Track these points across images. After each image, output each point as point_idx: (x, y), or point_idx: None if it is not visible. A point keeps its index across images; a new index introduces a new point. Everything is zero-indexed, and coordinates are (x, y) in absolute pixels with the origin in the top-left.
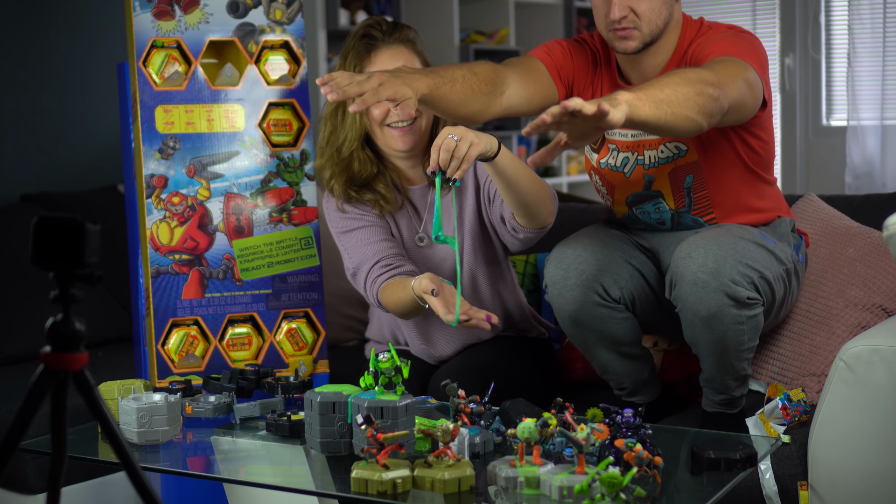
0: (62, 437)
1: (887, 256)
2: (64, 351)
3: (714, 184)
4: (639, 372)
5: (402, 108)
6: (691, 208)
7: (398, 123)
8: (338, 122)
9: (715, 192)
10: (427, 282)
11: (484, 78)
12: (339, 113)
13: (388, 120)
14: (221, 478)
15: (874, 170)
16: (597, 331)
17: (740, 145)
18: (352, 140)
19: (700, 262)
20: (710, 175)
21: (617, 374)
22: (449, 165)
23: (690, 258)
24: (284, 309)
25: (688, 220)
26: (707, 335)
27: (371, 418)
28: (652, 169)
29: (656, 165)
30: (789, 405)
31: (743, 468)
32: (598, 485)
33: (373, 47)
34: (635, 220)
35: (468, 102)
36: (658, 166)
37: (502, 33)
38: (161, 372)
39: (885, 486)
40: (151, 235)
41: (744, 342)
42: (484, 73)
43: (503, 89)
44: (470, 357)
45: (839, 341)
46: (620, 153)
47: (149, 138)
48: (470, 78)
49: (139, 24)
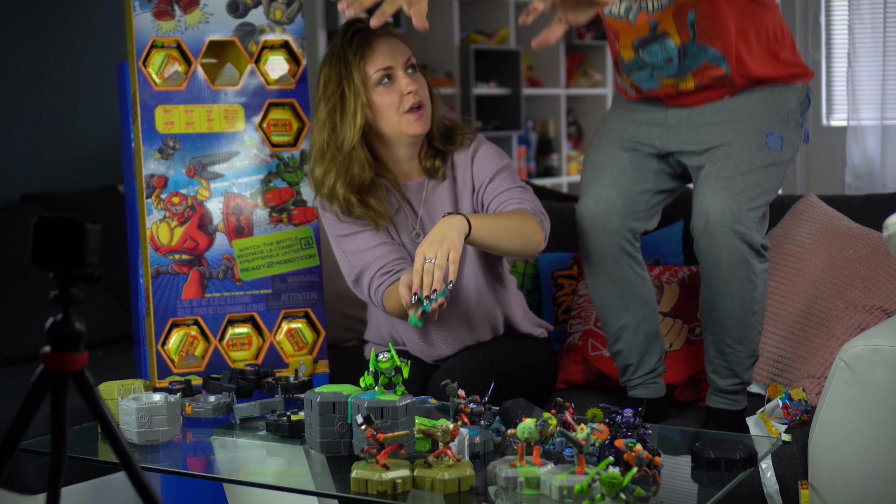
0: (62, 437)
1: (887, 257)
2: (64, 351)
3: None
4: (648, 351)
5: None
6: (696, 38)
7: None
8: (337, 122)
9: (717, 19)
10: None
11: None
12: (338, 111)
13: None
14: (221, 478)
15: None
16: (618, 283)
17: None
18: (352, 136)
19: (717, 216)
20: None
21: (627, 345)
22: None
23: (709, 213)
24: (284, 309)
25: (694, 50)
26: (724, 287)
27: (371, 418)
28: (656, 14)
29: (659, 10)
30: (790, 404)
31: (743, 468)
32: (598, 485)
33: (371, 38)
34: (641, 64)
35: None
36: (661, 11)
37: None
38: (161, 372)
39: (886, 486)
40: (151, 235)
41: (756, 300)
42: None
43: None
44: (470, 357)
45: (839, 343)
46: (623, 2)
47: (149, 138)
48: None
49: (139, 24)
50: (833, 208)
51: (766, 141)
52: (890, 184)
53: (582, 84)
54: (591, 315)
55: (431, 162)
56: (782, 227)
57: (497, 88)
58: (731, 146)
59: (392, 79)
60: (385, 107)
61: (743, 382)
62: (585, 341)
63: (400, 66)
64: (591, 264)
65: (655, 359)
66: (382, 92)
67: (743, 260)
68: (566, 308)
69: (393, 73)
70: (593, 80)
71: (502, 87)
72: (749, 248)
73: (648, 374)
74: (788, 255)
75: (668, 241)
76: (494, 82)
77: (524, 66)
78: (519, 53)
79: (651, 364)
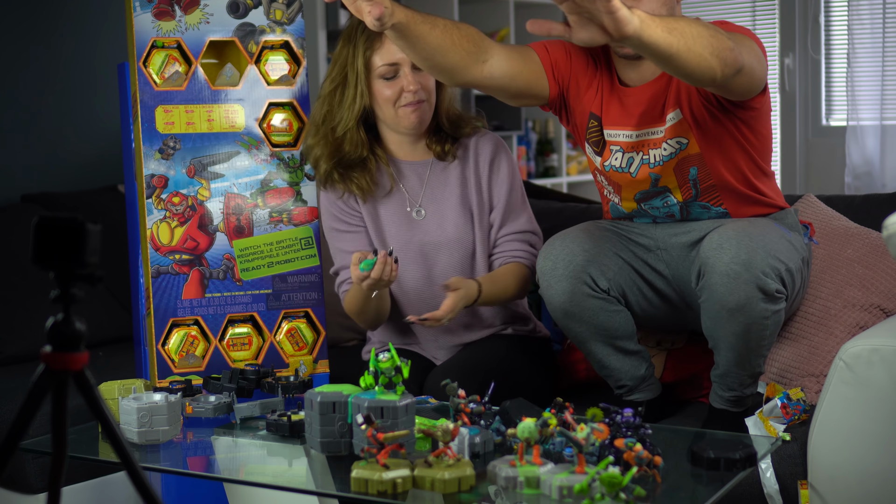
0: (62, 436)
1: (886, 257)
2: (64, 351)
3: (718, 173)
4: (636, 368)
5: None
6: (698, 196)
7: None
8: (335, 103)
9: (720, 180)
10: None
11: (467, 35)
12: (338, 93)
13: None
14: (221, 478)
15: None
16: (589, 323)
17: (740, 136)
18: (348, 120)
19: (732, 253)
20: (714, 165)
21: (614, 371)
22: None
23: (722, 249)
24: (284, 309)
25: (696, 209)
26: (731, 327)
27: (371, 418)
28: (657, 167)
29: (661, 163)
30: (789, 404)
31: (743, 468)
32: (598, 485)
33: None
34: (644, 213)
35: (447, 52)
36: (663, 164)
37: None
38: (161, 372)
39: (886, 486)
40: (152, 235)
41: (765, 337)
42: (468, 32)
43: (486, 57)
44: (469, 356)
45: (838, 342)
46: (625, 154)
47: (149, 138)
48: (452, 29)
49: (139, 24)
50: (832, 208)
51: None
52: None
53: None
54: None
55: (441, 146)
56: None
57: None
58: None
59: (396, 75)
60: (383, 99)
61: (744, 396)
62: None
63: (407, 63)
64: (555, 310)
65: (643, 368)
66: (384, 84)
67: (754, 306)
68: None
69: (399, 70)
70: None
71: None
72: (763, 294)
73: (641, 384)
74: None
75: None
76: None
77: None
78: None
79: (640, 376)
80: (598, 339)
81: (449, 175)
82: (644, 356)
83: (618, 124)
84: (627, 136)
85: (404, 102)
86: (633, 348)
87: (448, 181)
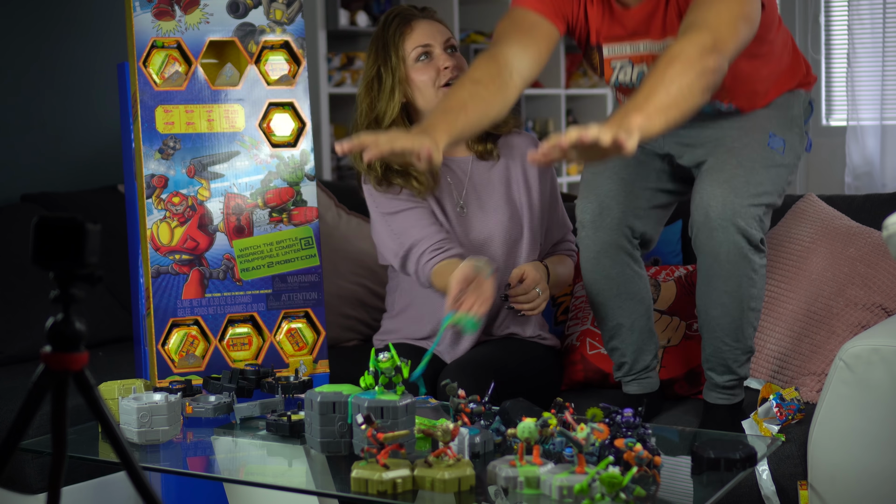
0: (62, 437)
1: (887, 256)
2: (64, 351)
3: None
4: (642, 349)
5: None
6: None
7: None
8: (375, 95)
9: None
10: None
11: (489, 79)
12: (375, 86)
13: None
14: (221, 478)
15: (874, 170)
16: (615, 280)
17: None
18: (392, 111)
19: (718, 209)
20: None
21: (622, 343)
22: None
23: (710, 207)
24: (284, 309)
25: (707, 109)
26: (722, 284)
27: (371, 418)
28: None
29: None
30: (783, 404)
31: (743, 468)
32: (598, 485)
33: (412, 18)
34: None
35: (487, 113)
36: None
37: None
38: (161, 372)
39: (886, 486)
40: (151, 235)
41: (753, 296)
42: (487, 75)
43: (510, 72)
44: (469, 356)
45: (839, 340)
46: (635, 67)
47: (149, 138)
48: (476, 91)
49: (139, 24)
50: (833, 208)
51: (769, 142)
52: (889, 184)
53: (582, 84)
54: (588, 315)
55: (483, 146)
56: (783, 227)
57: None
58: (735, 142)
59: (430, 56)
60: (422, 83)
61: (739, 378)
62: (583, 341)
63: (439, 44)
64: (589, 259)
65: (650, 356)
66: (420, 68)
67: (742, 255)
68: (565, 309)
69: (431, 51)
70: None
71: None
72: (748, 244)
73: (642, 371)
74: (789, 253)
75: (666, 241)
76: None
77: None
78: None
79: (645, 361)
80: (619, 301)
81: (493, 174)
82: (654, 344)
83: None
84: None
85: (443, 82)
86: (647, 327)
87: (492, 180)
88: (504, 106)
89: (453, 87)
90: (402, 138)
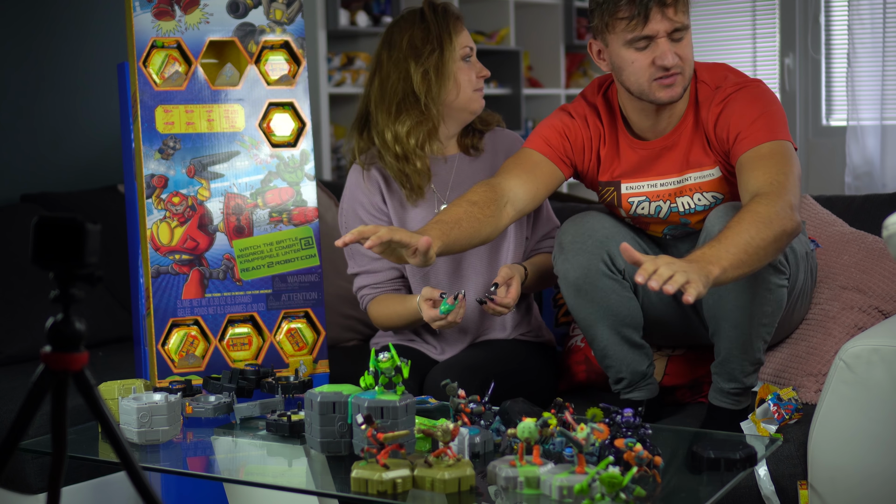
0: (62, 437)
1: (882, 260)
2: (64, 351)
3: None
4: (637, 363)
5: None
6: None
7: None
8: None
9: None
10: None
11: (484, 203)
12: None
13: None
14: (221, 478)
15: (874, 170)
16: (599, 304)
17: None
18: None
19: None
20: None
21: (616, 361)
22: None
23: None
24: (284, 309)
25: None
26: (735, 299)
27: (371, 418)
28: (688, 214)
29: (692, 212)
30: (780, 404)
31: (743, 468)
32: (598, 485)
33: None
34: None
35: (478, 232)
36: (694, 212)
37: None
38: (161, 372)
39: (885, 486)
40: (151, 235)
41: (766, 314)
42: (483, 199)
43: (505, 202)
44: (468, 356)
45: (836, 342)
46: (652, 203)
47: (149, 138)
48: (471, 211)
49: (139, 24)
50: (830, 210)
51: None
52: (889, 184)
53: (582, 84)
54: None
55: (472, 140)
56: None
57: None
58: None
59: (470, 59)
60: (464, 81)
61: (745, 387)
62: (586, 342)
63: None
64: (569, 285)
65: (644, 365)
66: (464, 67)
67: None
68: (567, 311)
69: (471, 55)
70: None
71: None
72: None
73: (640, 381)
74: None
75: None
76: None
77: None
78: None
79: (640, 371)
80: (606, 323)
81: (476, 169)
82: (647, 353)
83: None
84: (652, 185)
85: (479, 86)
86: (638, 341)
87: (475, 176)
88: (494, 231)
89: (451, 204)
90: (401, 232)
